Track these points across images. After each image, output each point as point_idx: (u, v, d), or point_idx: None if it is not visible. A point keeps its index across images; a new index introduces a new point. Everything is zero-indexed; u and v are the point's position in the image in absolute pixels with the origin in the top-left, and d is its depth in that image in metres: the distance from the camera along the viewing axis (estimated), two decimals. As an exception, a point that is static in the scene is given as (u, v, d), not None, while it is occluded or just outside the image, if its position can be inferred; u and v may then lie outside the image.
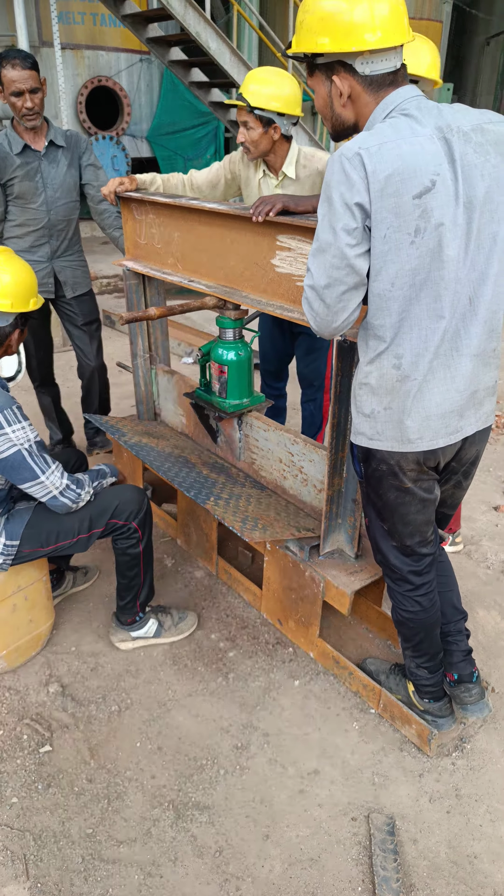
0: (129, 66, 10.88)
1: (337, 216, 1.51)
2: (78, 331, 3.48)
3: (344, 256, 1.53)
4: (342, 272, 1.55)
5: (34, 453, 2.10)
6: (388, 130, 1.50)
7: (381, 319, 1.61)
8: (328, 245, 1.54)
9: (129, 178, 2.73)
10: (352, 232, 1.51)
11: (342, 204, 1.50)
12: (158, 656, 2.53)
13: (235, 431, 2.79)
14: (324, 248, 1.55)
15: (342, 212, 1.50)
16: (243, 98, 2.57)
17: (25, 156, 3.05)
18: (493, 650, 2.59)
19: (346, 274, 1.55)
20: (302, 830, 1.94)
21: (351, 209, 1.49)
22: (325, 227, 1.54)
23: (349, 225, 1.50)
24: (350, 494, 2.31)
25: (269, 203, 2.08)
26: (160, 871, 1.84)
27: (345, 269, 1.54)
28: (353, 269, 1.54)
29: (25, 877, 1.81)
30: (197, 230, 2.50)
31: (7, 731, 2.21)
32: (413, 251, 1.52)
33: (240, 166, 2.88)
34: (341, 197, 1.50)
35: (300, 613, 2.50)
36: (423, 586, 1.99)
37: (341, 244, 1.52)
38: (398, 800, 2.03)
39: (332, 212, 1.52)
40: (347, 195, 1.49)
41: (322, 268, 1.56)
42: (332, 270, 1.55)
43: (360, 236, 1.52)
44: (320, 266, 1.57)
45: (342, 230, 1.51)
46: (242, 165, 2.88)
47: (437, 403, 1.67)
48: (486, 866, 1.86)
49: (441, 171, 1.49)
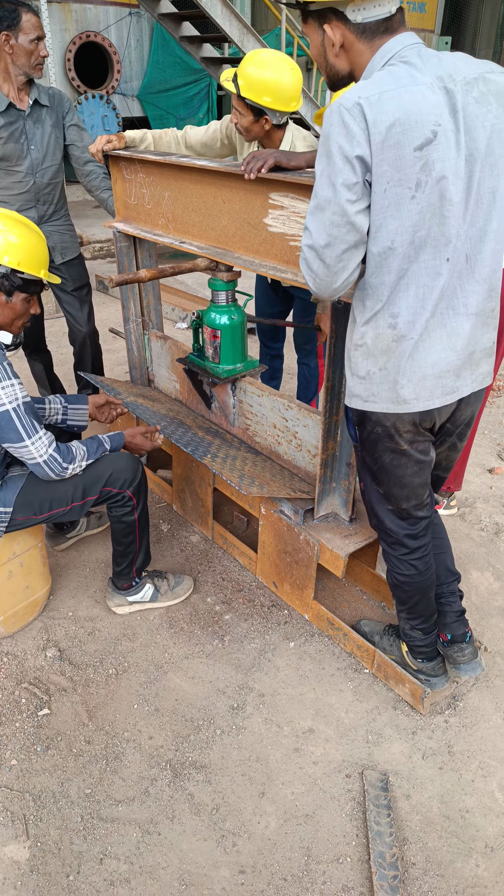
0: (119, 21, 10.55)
1: (336, 170, 1.45)
2: (68, 296, 3.43)
3: (344, 213, 1.48)
4: (342, 230, 1.50)
5: (21, 414, 2.06)
6: (388, 79, 1.44)
7: (380, 278, 1.57)
8: (327, 202, 1.48)
9: (118, 135, 2.66)
10: (352, 187, 1.46)
11: (342, 157, 1.44)
12: (155, 620, 2.55)
13: (229, 397, 2.77)
14: (323, 206, 1.49)
15: (342, 166, 1.45)
16: (237, 83, 2.45)
17: (9, 115, 2.95)
18: (485, 610, 2.62)
19: (346, 232, 1.50)
20: (297, 787, 1.98)
21: (351, 162, 1.44)
22: (323, 184, 1.49)
23: (349, 179, 1.45)
24: (344, 458, 2.30)
25: (260, 159, 2.02)
26: (158, 828, 1.87)
27: (345, 227, 1.49)
28: (354, 227, 1.49)
29: (25, 836, 1.85)
30: (188, 189, 2.44)
31: (6, 695, 2.23)
32: (414, 206, 1.48)
33: (236, 136, 2.80)
34: (340, 150, 1.44)
35: (295, 576, 2.51)
36: (419, 549, 1.99)
37: (341, 200, 1.46)
38: (391, 757, 2.06)
39: (332, 166, 1.46)
40: (347, 147, 1.43)
41: (321, 226, 1.51)
42: (332, 228, 1.50)
43: (360, 191, 1.47)
44: (319, 224, 1.51)
45: (342, 185, 1.45)
46: (238, 135, 2.80)
47: (433, 363, 1.64)
48: (477, 820, 1.90)
49: (442, 121, 1.43)
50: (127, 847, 1.83)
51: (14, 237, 2.05)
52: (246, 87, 2.43)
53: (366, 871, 1.78)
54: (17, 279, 2.07)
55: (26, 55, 2.87)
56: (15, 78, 2.92)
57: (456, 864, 1.80)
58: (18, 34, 2.82)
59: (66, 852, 1.81)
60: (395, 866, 1.75)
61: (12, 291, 2.08)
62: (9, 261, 2.03)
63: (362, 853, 1.82)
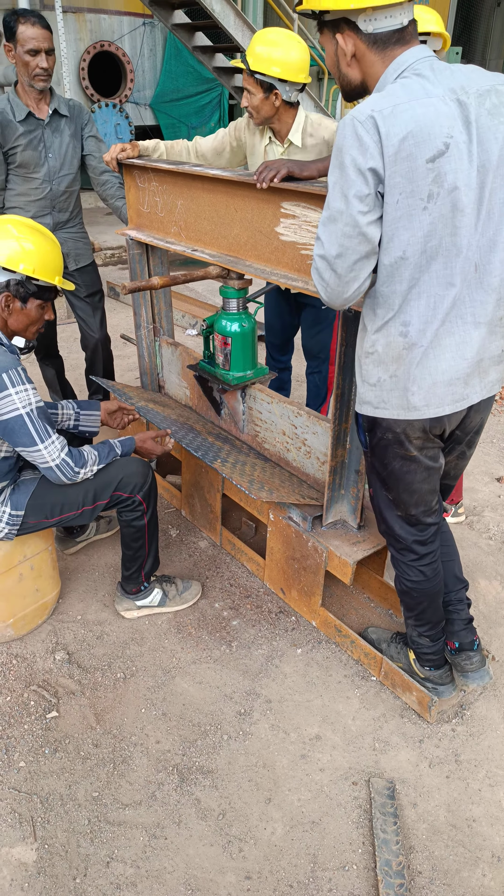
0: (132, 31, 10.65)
1: (349, 182, 1.47)
2: (81, 302, 3.46)
3: (356, 224, 1.49)
4: (354, 241, 1.51)
5: (35, 419, 2.08)
6: (401, 92, 1.46)
7: (391, 287, 1.59)
8: (339, 213, 1.50)
9: (132, 144, 2.69)
10: (364, 199, 1.48)
11: (355, 169, 1.46)
12: (163, 625, 2.56)
13: (239, 404, 2.79)
14: (335, 217, 1.51)
15: (354, 178, 1.47)
16: (245, 60, 2.51)
17: (28, 123, 3.00)
18: (493, 619, 2.61)
19: (358, 242, 1.52)
20: (303, 794, 1.98)
21: (364, 174, 1.46)
22: (336, 195, 1.51)
23: (361, 191, 1.47)
24: (353, 465, 2.31)
25: (273, 169, 2.04)
26: (164, 832, 1.88)
27: (357, 238, 1.51)
28: (366, 238, 1.51)
29: (33, 838, 1.86)
30: (200, 198, 2.46)
31: (14, 698, 2.25)
32: (426, 217, 1.49)
33: (245, 133, 2.83)
34: (353, 162, 1.46)
35: (303, 583, 2.52)
36: (428, 556, 2.00)
37: (353, 212, 1.48)
38: (398, 765, 2.06)
39: (344, 178, 1.48)
40: (360, 160, 1.45)
41: (333, 237, 1.53)
42: (344, 239, 1.52)
43: (372, 203, 1.49)
44: (331, 235, 1.53)
45: (354, 197, 1.47)
46: (248, 132, 2.82)
47: (444, 371, 1.66)
48: (484, 829, 1.90)
49: (454, 133, 1.45)
50: (133, 851, 1.83)
51: (30, 244, 2.07)
52: (255, 61, 2.49)
53: (372, 879, 1.78)
54: (32, 286, 2.10)
55: (24, 66, 2.91)
56: (26, 88, 2.97)
57: (462, 873, 1.80)
58: (17, 45, 2.86)
59: (73, 855, 1.82)
60: (402, 874, 1.75)
61: (27, 298, 2.11)
62: (24, 268, 2.05)
63: (368, 861, 1.82)
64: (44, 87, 2.96)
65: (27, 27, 2.82)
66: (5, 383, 2.02)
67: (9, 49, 2.89)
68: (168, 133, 11.30)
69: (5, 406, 2.04)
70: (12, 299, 2.09)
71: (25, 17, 2.82)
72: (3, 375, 2.02)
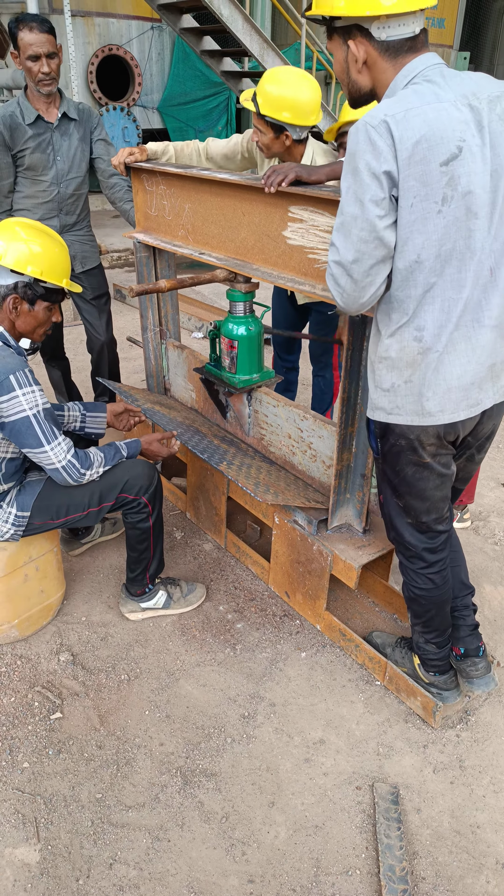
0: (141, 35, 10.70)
1: (364, 187, 1.47)
2: (87, 305, 3.47)
3: (373, 229, 1.49)
4: (370, 245, 1.51)
5: (41, 420, 2.09)
6: (413, 97, 1.47)
7: (406, 291, 1.59)
8: (354, 218, 1.50)
9: (140, 147, 2.70)
10: (380, 202, 1.48)
11: (369, 174, 1.46)
12: (167, 627, 2.56)
13: (245, 407, 2.79)
14: (350, 222, 1.51)
15: (369, 182, 1.47)
16: (256, 101, 2.48)
17: (37, 127, 3.01)
18: (499, 625, 2.60)
19: (374, 247, 1.52)
20: (307, 798, 1.98)
21: (378, 178, 1.46)
22: (350, 200, 1.51)
23: (377, 195, 1.47)
24: (359, 469, 2.31)
25: (281, 173, 2.05)
26: (168, 835, 1.88)
27: (373, 243, 1.51)
28: (382, 242, 1.51)
29: (36, 839, 1.86)
30: (208, 201, 2.47)
31: (19, 699, 2.25)
32: (440, 220, 1.50)
33: (256, 150, 2.83)
34: (367, 166, 1.46)
35: (307, 586, 2.52)
36: (437, 563, 1.99)
37: (370, 216, 1.48)
38: (402, 770, 2.06)
39: (359, 183, 1.48)
40: (374, 164, 1.45)
41: (349, 242, 1.53)
42: (361, 244, 1.51)
43: (388, 207, 1.49)
44: (347, 240, 1.53)
45: (370, 201, 1.47)
46: (258, 151, 2.82)
47: (458, 376, 1.65)
48: (488, 836, 1.89)
49: (467, 137, 1.46)
50: (137, 853, 1.83)
51: (37, 247, 2.08)
52: (265, 104, 2.46)
53: (375, 884, 1.77)
54: (39, 288, 2.11)
55: (28, 72, 2.93)
56: (34, 92, 2.99)
57: (466, 879, 1.79)
58: (20, 52, 2.88)
59: (77, 856, 1.82)
60: (405, 880, 1.75)
61: (35, 300, 2.12)
62: (32, 270, 2.06)
63: (372, 866, 1.81)
64: (49, 90, 2.97)
65: (26, 33, 2.83)
66: (13, 385, 2.03)
67: (15, 56, 2.91)
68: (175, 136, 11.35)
69: (13, 407, 2.04)
70: (20, 301, 2.10)
71: (25, 23, 2.83)
72: (10, 377, 2.03)
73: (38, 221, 2.22)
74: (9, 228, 2.09)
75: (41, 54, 2.86)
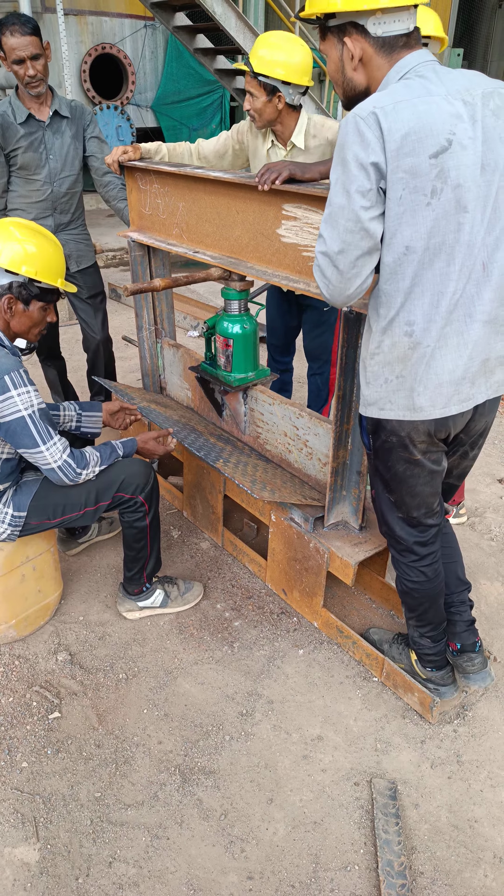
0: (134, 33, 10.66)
1: (351, 178, 1.48)
2: (83, 304, 3.47)
3: (358, 220, 1.50)
4: (356, 236, 1.52)
5: (37, 420, 2.09)
6: (403, 90, 1.47)
7: (394, 285, 1.59)
8: (341, 209, 1.51)
9: (133, 146, 2.70)
10: (366, 194, 1.48)
11: (357, 165, 1.47)
12: (165, 626, 2.57)
13: (241, 405, 2.79)
14: (336, 213, 1.52)
15: (357, 173, 1.47)
16: (248, 63, 2.51)
17: (29, 125, 3.01)
18: (495, 620, 2.61)
19: (360, 238, 1.52)
20: (305, 794, 1.98)
21: (366, 169, 1.46)
22: (338, 191, 1.51)
23: (363, 186, 1.48)
24: (355, 466, 2.32)
25: (274, 171, 2.05)
26: (167, 833, 1.88)
27: (359, 234, 1.51)
28: (368, 233, 1.52)
29: (35, 838, 1.86)
30: (202, 200, 2.47)
31: (17, 698, 2.25)
32: (429, 213, 1.50)
33: (248, 136, 2.83)
34: (356, 157, 1.46)
35: (304, 584, 2.52)
36: (428, 556, 2.00)
37: (356, 207, 1.49)
38: (400, 765, 2.06)
39: (346, 173, 1.49)
40: (362, 155, 1.46)
41: (335, 233, 1.53)
42: (346, 235, 1.52)
43: (374, 198, 1.49)
44: (333, 231, 1.54)
45: (356, 192, 1.48)
46: (251, 135, 2.83)
47: (450, 371, 1.66)
48: (486, 830, 1.90)
49: (458, 130, 1.46)
50: (136, 851, 1.84)
51: (32, 247, 2.08)
52: (258, 63, 2.49)
53: (374, 879, 1.78)
54: (34, 288, 2.11)
55: (15, 75, 2.92)
56: (25, 92, 2.98)
57: (464, 873, 1.80)
58: (5, 56, 2.87)
59: (76, 855, 1.83)
60: (404, 875, 1.75)
61: (30, 300, 2.12)
62: (26, 270, 2.06)
63: (370, 861, 1.82)
64: (38, 91, 2.95)
65: (8, 38, 2.80)
66: (7, 385, 2.03)
67: (2, 58, 2.90)
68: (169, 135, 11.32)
69: (7, 408, 2.04)
70: (15, 301, 2.10)
71: (6, 26, 2.80)
72: (5, 378, 2.02)
73: (32, 221, 2.22)
74: (3, 228, 2.09)
75: (25, 58, 2.84)
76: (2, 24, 2.81)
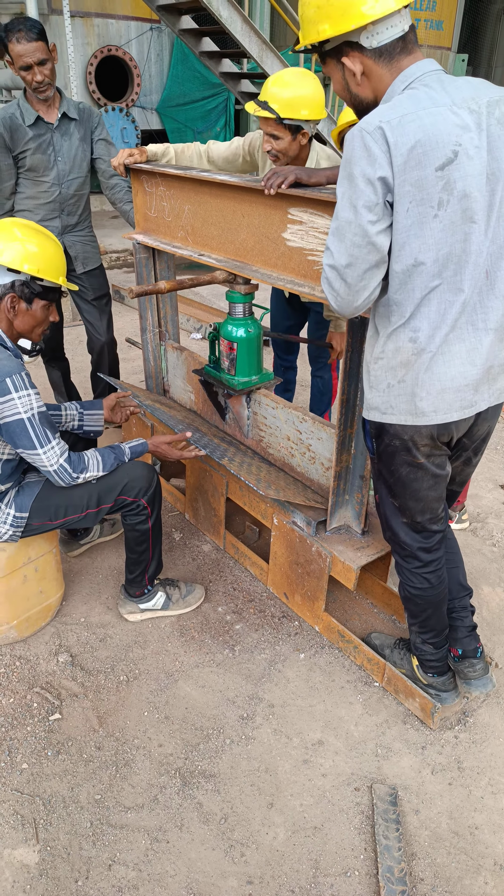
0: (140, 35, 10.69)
1: (358, 193, 1.49)
2: (88, 305, 3.48)
3: (365, 234, 1.51)
4: (363, 250, 1.53)
5: (35, 423, 2.09)
6: (408, 102, 1.48)
7: (404, 295, 1.60)
8: (348, 223, 1.52)
9: (140, 149, 2.70)
10: (373, 208, 1.49)
11: (364, 180, 1.48)
12: (166, 628, 2.56)
13: (244, 409, 2.79)
14: (344, 227, 1.53)
15: (364, 188, 1.48)
16: (271, 108, 2.48)
17: (38, 128, 3.02)
18: (497, 626, 2.61)
19: (367, 252, 1.53)
20: (306, 799, 1.98)
21: (373, 184, 1.47)
22: (344, 206, 1.52)
23: (370, 201, 1.48)
24: (358, 471, 2.31)
25: (281, 175, 2.05)
26: (167, 836, 1.88)
27: (366, 248, 1.53)
28: (375, 247, 1.53)
29: (35, 840, 1.86)
30: (208, 203, 2.47)
31: (18, 699, 2.25)
32: (437, 224, 1.51)
33: (260, 152, 2.83)
34: (363, 172, 1.47)
35: (306, 588, 2.52)
36: (432, 563, 2.00)
37: (363, 221, 1.50)
38: (401, 771, 2.06)
39: (353, 188, 1.49)
40: (369, 170, 1.47)
41: (343, 247, 1.54)
42: (354, 249, 1.53)
43: (381, 212, 1.50)
44: (341, 245, 1.55)
45: (363, 207, 1.49)
46: (261, 154, 2.82)
47: (453, 377, 1.66)
48: (487, 837, 1.89)
49: (463, 141, 1.47)
50: (135, 854, 1.83)
51: (33, 246, 2.09)
52: (283, 108, 2.47)
53: (374, 885, 1.78)
54: (36, 286, 2.11)
55: (23, 79, 2.93)
56: (33, 95, 2.99)
57: (464, 880, 1.80)
58: (13, 61, 2.87)
59: (76, 857, 1.82)
60: (404, 881, 1.75)
61: (32, 299, 2.13)
62: (28, 268, 2.07)
63: (370, 867, 1.82)
64: (46, 96, 2.97)
65: (15, 44, 2.81)
66: (8, 387, 2.03)
67: (9, 62, 2.91)
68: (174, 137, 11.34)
69: (8, 409, 2.05)
70: (17, 300, 2.11)
71: (13, 32, 2.80)
72: (7, 380, 2.03)
73: (33, 221, 2.23)
74: (4, 228, 2.10)
75: (32, 64, 2.85)
76: (8, 30, 2.82)
